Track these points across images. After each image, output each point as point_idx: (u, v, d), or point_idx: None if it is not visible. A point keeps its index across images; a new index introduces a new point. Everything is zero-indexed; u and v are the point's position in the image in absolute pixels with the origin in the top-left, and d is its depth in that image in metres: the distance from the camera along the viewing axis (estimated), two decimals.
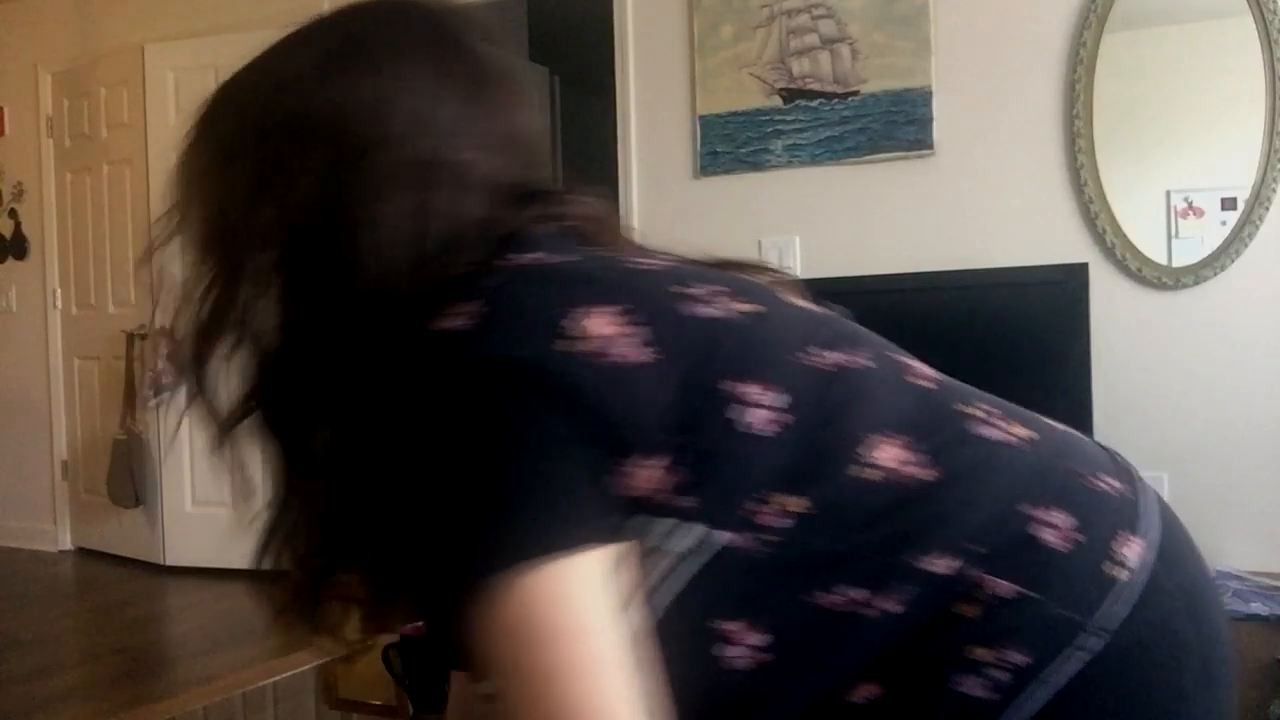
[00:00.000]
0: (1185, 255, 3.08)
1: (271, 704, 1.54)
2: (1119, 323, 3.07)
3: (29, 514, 5.13)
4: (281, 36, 0.88)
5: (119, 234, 4.73)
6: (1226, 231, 3.03)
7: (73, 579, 4.69)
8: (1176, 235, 3.10)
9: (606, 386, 0.66)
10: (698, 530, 0.69)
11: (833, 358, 0.75)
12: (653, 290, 0.72)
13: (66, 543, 5.08)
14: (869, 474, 0.71)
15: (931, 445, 0.74)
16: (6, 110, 5.22)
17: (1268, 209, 2.98)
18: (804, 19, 3.46)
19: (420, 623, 0.94)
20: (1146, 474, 0.84)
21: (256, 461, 0.83)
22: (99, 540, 4.91)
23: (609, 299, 0.69)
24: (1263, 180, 2.98)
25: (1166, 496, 2.64)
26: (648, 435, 0.67)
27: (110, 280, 4.79)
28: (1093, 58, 3.12)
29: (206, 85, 0.84)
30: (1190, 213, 3.09)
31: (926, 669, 0.70)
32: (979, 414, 0.78)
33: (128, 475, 4.55)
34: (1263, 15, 2.97)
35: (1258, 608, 2.45)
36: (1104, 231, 3.12)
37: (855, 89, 3.40)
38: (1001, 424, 0.78)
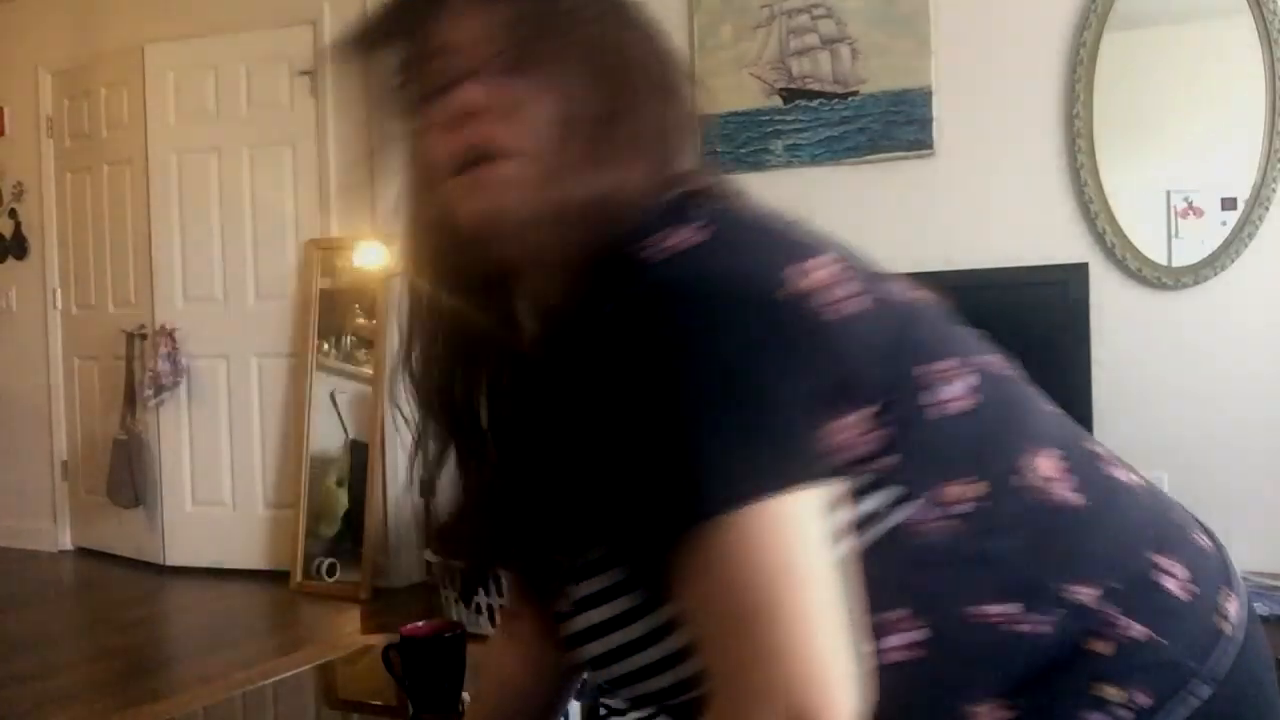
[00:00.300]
0: (1185, 255, 3.09)
1: (271, 704, 1.54)
2: (1119, 323, 3.07)
3: (29, 514, 5.13)
4: None
5: (119, 234, 4.73)
6: (1226, 231, 3.03)
7: (73, 579, 4.69)
8: (1176, 235, 3.10)
9: (834, 332, 0.66)
10: (890, 492, 0.69)
11: (995, 360, 0.77)
12: (850, 250, 0.73)
13: (66, 543, 5.08)
14: (1030, 480, 0.73)
15: (1078, 470, 0.76)
16: (6, 110, 5.21)
17: (1268, 209, 2.98)
18: (804, 19, 3.47)
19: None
20: (1146, 473, 0.85)
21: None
22: (99, 540, 4.91)
23: (825, 248, 0.70)
24: (1263, 180, 2.98)
25: None
26: (861, 385, 0.68)
27: (110, 280, 4.79)
28: (1093, 58, 3.12)
29: (206, 85, 0.84)
30: (1190, 213, 3.09)
31: (1057, 699, 0.71)
32: (1101, 451, 0.81)
33: (128, 475, 4.55)
34: (1263, 15, 2.97)
35: (1258, 608, 2.44)
36: (1104, 231, 3.12)
37: (855, 89, 3.40)
38: (1120, 466, 0.81)
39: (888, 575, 0.68)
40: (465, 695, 1.36)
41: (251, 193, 4.44)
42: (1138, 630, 0.72)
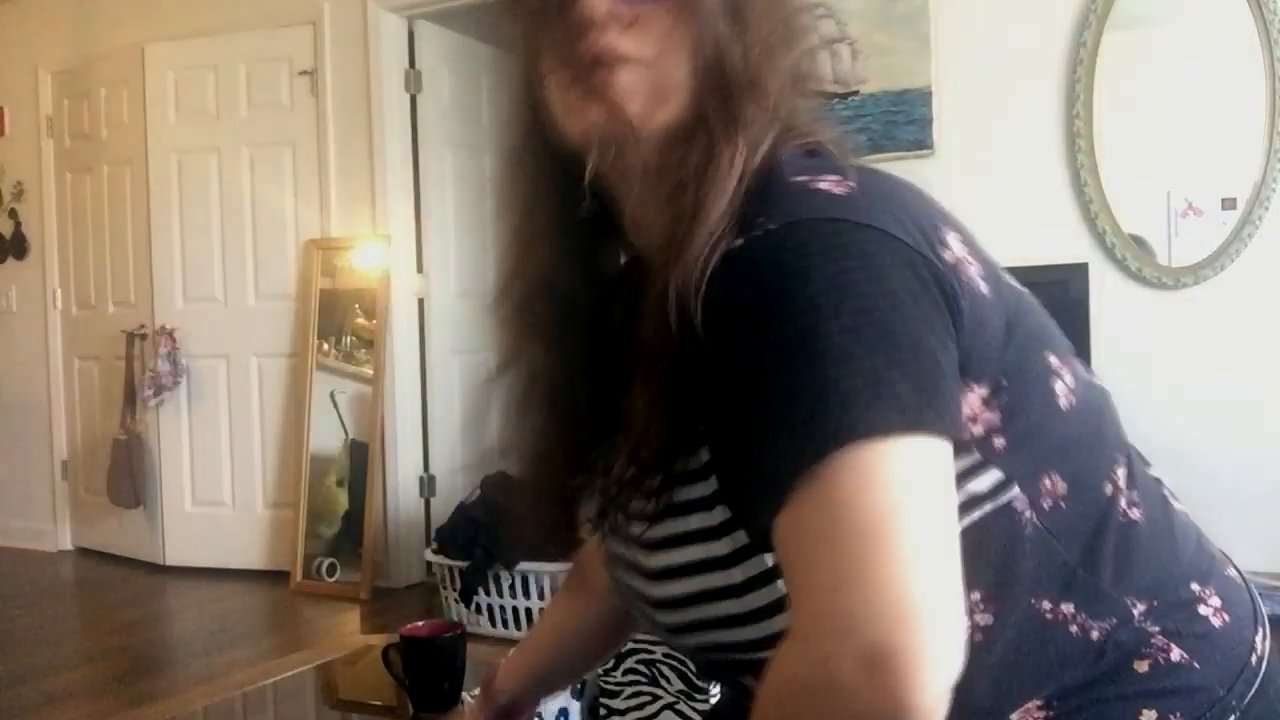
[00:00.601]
0: (1185, 255, 3.08)
1: (271, 704, 1.54)
2: (1119, 323, 3.07)
3: (29, 514, 5.13)
4: None
5: (119, 234, 4.73)
6: (1226, 231, 3.03)
7: (73, 579, 4.69)
8: (1176, 235, 3.10)
9: (968, 302, 0.67)
10: (993, 477, 0.69)
11: (1080, 363, 0.79)
12: (970, 232, 0.74)
13: (66, 543, 5.08)
14: (1106, 489, 0.75)
15: (1139, 486, 0.78)
16: (6, 110, 5.22)
17: (1268, 209, 2.98)
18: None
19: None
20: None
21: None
22: (99, 540, 4.91)
23: (954, 224, 0.71)
24: (1263, 180, 2.98)
25: None
26: (979, 365, 0.68)
27: (110, 280, 4.79)
28: (1093, 58, 3.12)
29: (206, 85, 0.84)
30: (1190, 213, 3.09)
31: (1095, 708, 0.72)
32: (1153, 472, 0.82)
33: (128, 475, 4.55)
34: (1263, 15, 2.97)
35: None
36: (1104, 231, 3.12)
37: (855, 89, 3.40)
38: (1170, 492, 0.83)
39: (974, 556, 0.66)
40: (465, 696, 1.36)
41: (251, 193, 4.44)
42: (1176, 653, 0.73)
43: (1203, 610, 0.76)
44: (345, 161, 4.29)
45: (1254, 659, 0.77)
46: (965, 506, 0.68)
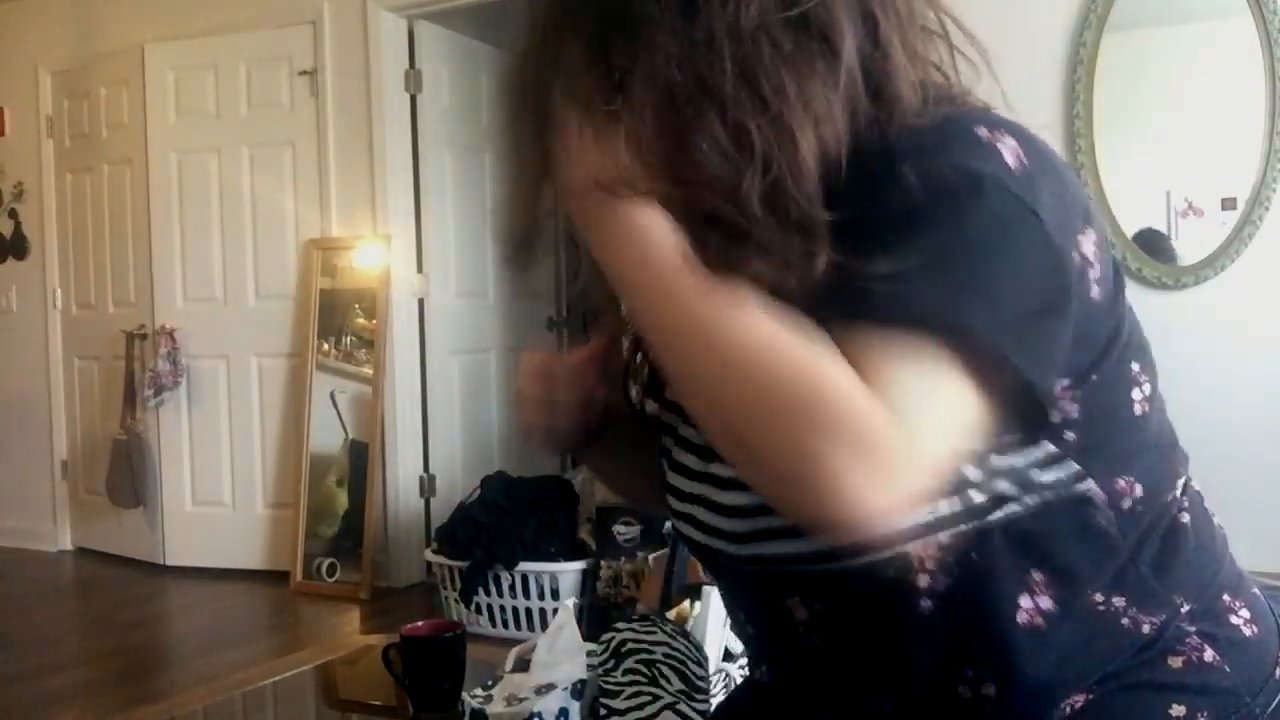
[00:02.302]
0: (1185, 255, 3.08)
1: (271, 704, 1.54)
2: None
3: (29, 514, 5.13)
4: None
5: (119, 234, 4.72)
6: (1227, 231, 3.03)
7: (73, 579, 4.69)
8: (1176, 235, 3.10)
9: (1079, 307, 0.70)
10: (1070, 468, 0.72)
11: (1157, 377, 0.81)
12: (1105, 230, 0.77)
13: (66, 543, 5.08)
14: (1169, 497, 0.79)
15: (1190, 496, 0.82)
16: (6, 110, 5.22)
17: (1268, 209, 2.98)
18: None
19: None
20: None
21: None
22: (99, 540, 4.91)
23: (1094, 222, 0.74)
24: (1263, 180, 2.98)
25: None
26: (1074, 357, 0.71)
27: (110, 280, 4.79)
28: (1093, 58, 3.12)
29: (206, 85, 0.83)
30: (1190, 213, 3.09)
31: (1129, 694, 0.75)
32: (1196, 485, 0.86)
33: (128, 475, 4.54)
34: (1263, 15, 2.97)
35: None
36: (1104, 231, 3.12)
37: None
38: (1212, 511, 0.86)
39: (1048, 538, 0.72)
40: (465, 695, 1.36)
41: (251, 193, 4.44)
42: (1209, 653, 0.76)
43: (1234, 619, 0.80)
44: (345, 161, 4.29)
45: (1278, 672, 0.80)
46: (1042, 489, 0.72)
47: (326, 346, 4.30)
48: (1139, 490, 0.75)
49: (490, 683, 1.41)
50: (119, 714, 2.78)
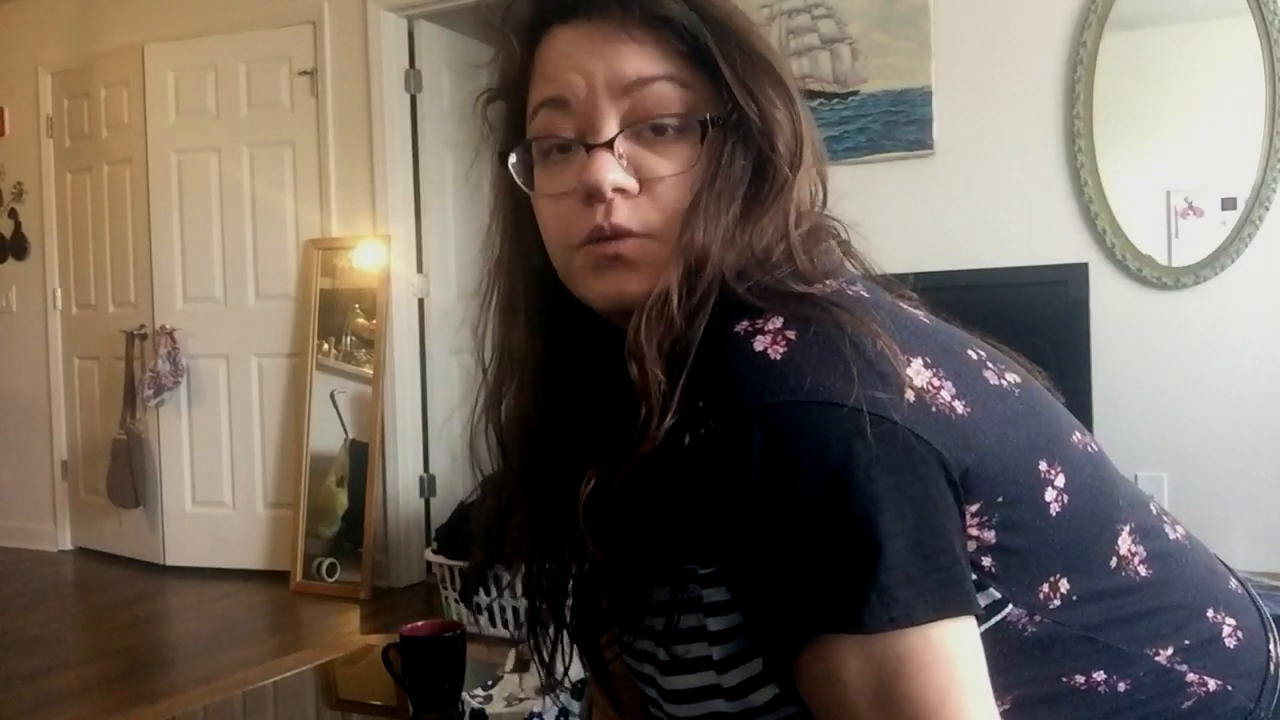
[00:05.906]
0: (1185, 255, 3.08)
1: (271, 704, 1.54)
2: (1119, 322, 3.07)
3: (29, 514, 5.13)
4: None
5: (119, 234, 4.72)
6: (1226, 231, 3.03)
7: (73, 579, 4.69)
8: (1176, 235, 3.10)
9: (942, 435, 0.64)
10: (987, 596, 0.68)
11: (1084, 440, 0.77)
12: (942, 345, 0.71)
13: (66, 543, 5.08)
14: (1112, 564, 0.74)
15: (1144, 540, 0.77)
16: (6, 110, 5.22)
17: (1268, 209, 2.98)
18: (804, 19, 3.47)
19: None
20: (1147, 474, 0.86)
21: None
22: (99, 540, 4.91)
23: (915, 350, 0.67)
24: (1263, 180, 2.98)
25: (1166, 496, 2.64)
26: (969, 484, 0.66)
27: (110, 280, 4.79)
28: (1093, 58, 3.12)
29: (206, 85, 0.83)
30: (1190, 213, 3.09)
31: None
32: (1154, 510, 0.82)
33: (128, 475, 4.54)
34: (1263, 15, 2.97)
35: None
36: (1104, 231, 3.12)
37: (855, 89, 3.40)
38: (1170, 523, 0.83)
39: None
40: (465, 695, 1.36)
41: (251, 193, 4.44)
42: (1213, 683, 0.76)
43: (1223, 635, 0.79)
44: (345, 161, 4.29)
45: (1272, 667, 0.80)
46: None
47: (326, 346, 4.30)
48: (1064, 585, 0.71)
49: (490, 683, 1.41)
50: (119, 714, 2.78)
